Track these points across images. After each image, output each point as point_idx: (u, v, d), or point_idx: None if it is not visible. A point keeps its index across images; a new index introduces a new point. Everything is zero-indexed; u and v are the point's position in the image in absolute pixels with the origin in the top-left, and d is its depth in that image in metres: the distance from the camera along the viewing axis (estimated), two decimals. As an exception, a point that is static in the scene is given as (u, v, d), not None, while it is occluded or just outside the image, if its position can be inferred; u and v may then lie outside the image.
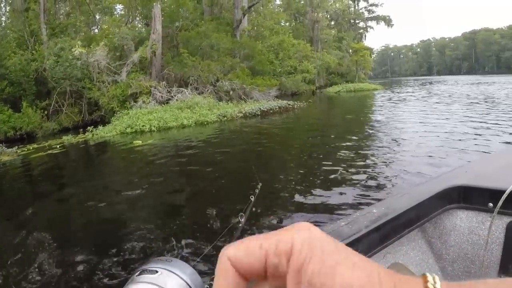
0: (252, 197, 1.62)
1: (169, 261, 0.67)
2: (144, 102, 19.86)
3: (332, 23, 67.93)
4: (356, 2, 72.62)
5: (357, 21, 73.12)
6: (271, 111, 18.23)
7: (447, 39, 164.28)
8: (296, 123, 16.17)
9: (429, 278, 0.30)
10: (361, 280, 0.29)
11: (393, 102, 23.21)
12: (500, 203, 1.48)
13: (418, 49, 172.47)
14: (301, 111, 19.00)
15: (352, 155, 8.03)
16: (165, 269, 0.65)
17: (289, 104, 19.73)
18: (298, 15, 55.74)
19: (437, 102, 20.37)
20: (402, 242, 1.60)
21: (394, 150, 8.33)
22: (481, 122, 11.71)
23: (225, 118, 16.93)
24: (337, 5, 67.90)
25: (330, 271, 0.30)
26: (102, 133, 15.38)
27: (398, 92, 34.12)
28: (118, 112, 18.53)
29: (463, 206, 1.66)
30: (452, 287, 0.31)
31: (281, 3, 56.40)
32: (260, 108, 18.03)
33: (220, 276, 0.34)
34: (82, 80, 20.74)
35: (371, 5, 73.74)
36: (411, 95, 28.24)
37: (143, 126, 15.77)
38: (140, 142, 12.76)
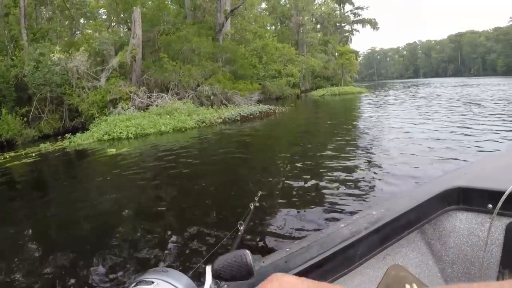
0: (251, 205, 1.74)
1: (165, 272, 0.66)
2: (122, 108, 19.48)
3: (318, 26, 67.96)
4: (341, 5, 72.84)
5: (342, 24, 73.33)
6: (251, 116, 17.87)
7: (433, 42, 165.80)
8: (275, 129, 15.81)
9: None
10: None
11: (377, 105, 23.11)
12: (500, 204, 1.50)
13: (404, 52, 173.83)
14: (282, 116, 18.66)
15: (331, 166, 7.73)
16: (161, 279, 0.64)
17: (270, 109, 19.42)
18: (283, 18, 55.58)
19: (420, 105, 20.34)
20: (402, 244, 1.62)
21: (376, 160, 7.97)
22: (463, 127, 11.52)
23: (204, 124, 16.54)
24: (323, 8, 67.94)
25: None
26: (79, 140, 14.93)
27: (382, 95, 34.09)
28: (97, 119, 18.13)
29: (463, 208, 1.68)
30: None
31: (266, 6, 56.29)
32: (239, 114, 17.66)
33: None
34: (61, 86, 20.28)
35: (357, 8, 74.21)
36: (395, 98, 28.17)
37: (120, 133, 15.40)
38: (114, 150, 12.36)
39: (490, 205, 1.56)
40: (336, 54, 56.08)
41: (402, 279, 1.32)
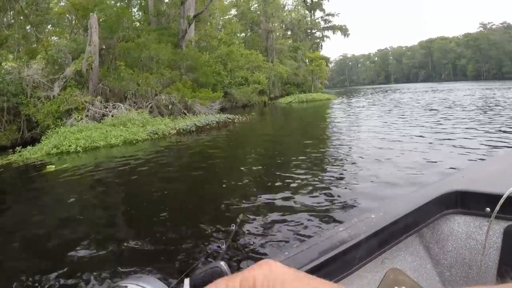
0: (233, 226, 1.99)
1: (139, 277, 0.66)
2: (75, 119, 18.53)
3: (289, 33, 67.93)
4: (312, 11, 72.97)
5: (313, 31, 73.38)
6: (207, 127, 17.07)
7: (404, 48, 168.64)
8: (230, 142, 14.87)
9: None
10: None
11: (344, 113, 22.93)
12: (498, 207, 1.51)
13: (376, 58, 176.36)
14: (241, 127, 17.94)
15: (286, 184, 7.13)
16: (134, 283, 0.64)
17: (228, 119, 18.58)
18: (252, 25, 55.15)
19: (388, 111, 20.49)
20: (400, 248, 1.61)
21: (336, 177, 7.46)
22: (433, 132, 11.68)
23: (157, 135, 15.63)
24: (293, 14, 67.91)
25: None
26: (28, 154, 13.94)
27: (351, 102, 34.13)
28: (50, 130, 17.17)
29: (461, 211, 1.69)
30: None
31: (236, 13, 55.84)
32: (195, 124, 16.79)
33: None
34: (17, 96, 19.25)
35: (327, 14, 74.52)
36: (363, 105, 28.15)
37: (69, 146, 14.46)
38: (53, 167, 11.45)
39: (488, 209, 1.57)
40: (307, 60, 55.86)
41: (401, 283, 1.33)
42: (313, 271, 1.19)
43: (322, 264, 1.22)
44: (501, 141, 9.84)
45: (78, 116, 18.73)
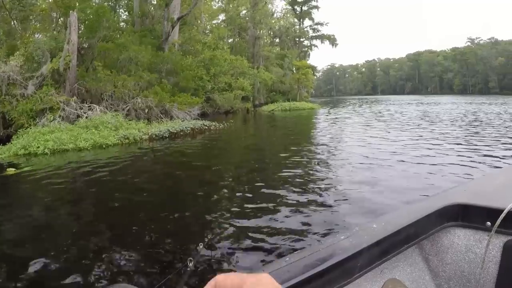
0: (201, 245, 2.26)
1: (120, 285, 0.74)
2: (47, 119, 18.00)
3: (277, 40, 67.90)
4: (301, 20, 73.05)
5: (301, 39, 73.41)
6: (181, 133, 16.60)
7: (391, 60, 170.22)
8: (203, 149, 14.28)
9: None
10: None
11: (325, 123, 22.72)
12: (498, 222, 1.51)
13: (363, 69, 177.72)
14: (217, 134, 17.50)
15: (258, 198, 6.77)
16: None
17: (205, 125, 18.11)
18: (240, 31, 54.90)
19: (366, 123, 20.18)
20: (400, 258, 1.62)
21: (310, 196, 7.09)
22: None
23: (127, 140, 15.09)
24: (282, 22, 67.93)
25: None
26: (-4, 153, 13.38)
27: (335, 112, 34.05)
28: (21, 130, 16.65)
29: (461, 224, 1.69)
30: None
31: (225, 18, 55.58)
32: (169, 130, 16.28)
33: None
34: (-9, 93, 18.73)
35: (316, 24, 74.63)
36: (347, 115, 28.07)
37: (37, 147, 13.93)
38: (13, 170, 10.93)
39: (488, 223, 1.56)
40: (294, 68, 55.73)
41: None
42: (314, 278, 1.20)
43: (323, 271, 1.23)
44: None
45: (50, 117, 18.19)
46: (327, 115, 30.32)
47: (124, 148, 14.21)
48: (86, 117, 18.57)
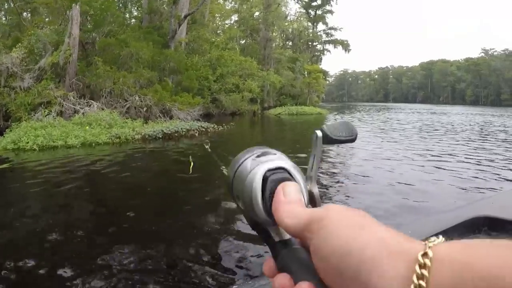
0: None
1: None
2: (42, 114, 17.42)
3: (290, 43, 67.23)
4: (315, 24, 72.19)
5: (314, 43, 72.57)
6: (176, 135, 15.79)
7: (404, 68, 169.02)
8: (198, 154, 12.89)
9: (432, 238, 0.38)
10: (370, 240, 0.38)
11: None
12: None
13: (376, 76, 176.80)
14: (214, 137, 16.63)
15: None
16: None
17: (202, 127, 17.28)
18: (252, 32, 54.25)
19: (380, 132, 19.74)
20: None
21: None
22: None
23: (119, 140, 14.36)
24: (295, 25, 67.22)
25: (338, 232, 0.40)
26: (-13, 147, 12.71)
27: (343, 118, 33.07)
28: (15, 124, 16.12)
29: (487, 237, 1.31)
30: (453, 246, 0.36)
31: (237, 18, 55.03)
32: (162, 131, 15.49)
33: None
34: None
35: (330, 28, 73.66)
36: (357, 122, 27.26)
37: (27, 143, 13.35)
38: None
39: None
40: (305, 72, 54.88)
41: None
42: None
43: None
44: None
45: (44, 111, 17.62)
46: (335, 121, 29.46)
47: (113, 148, 13.45)
48: (83, 113, 17.97)
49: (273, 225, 0.51)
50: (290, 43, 67.34)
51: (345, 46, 73.41)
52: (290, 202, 0.47)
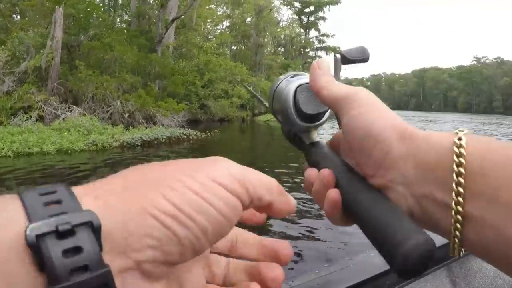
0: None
1: None
2: (20, 119, 16.97)
3: (282, 49, 67.03)
4: (307, 30, 72.04)
5: (306, 50, 72.38)
6: (155, 142, 15.35)
7: (397, 75, 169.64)
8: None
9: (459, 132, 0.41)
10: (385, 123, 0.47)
11: (322, 135, 21.39)
12: None
13: (368, 83, 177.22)
14: (196, 144, 16.20)
15: None
16: None
17: (184, 134, 16.83)
18: (244, 38, 53.99)
19: None
20: (428, 279, 1.54)
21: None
22: None
23: (96, 147, 13.86)
24: (287, 31, 67.05)
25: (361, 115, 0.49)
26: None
27: (329, 123, 32.73)
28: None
29: None
30: (481, 141, 0.39)
31: (229, 24, 54.81)
32: (141, 138, 14.99)
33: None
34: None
35: (322, 35, 73.32)
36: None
37: (2, 149, 12.87)
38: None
39: None
40: (297, 79, 54.67)
41: None
42: None
43: (352, 287, 1.23)
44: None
45: (23, 116, 17.16)
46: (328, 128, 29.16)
47: (91, 155, 13.04)
48: (63, 119, 17.52)
49: (304, 131, 0.64)
50: (282, 49, 67.11)
51: (337, 52, 72.98)
52: (324, 74, 0.58)
